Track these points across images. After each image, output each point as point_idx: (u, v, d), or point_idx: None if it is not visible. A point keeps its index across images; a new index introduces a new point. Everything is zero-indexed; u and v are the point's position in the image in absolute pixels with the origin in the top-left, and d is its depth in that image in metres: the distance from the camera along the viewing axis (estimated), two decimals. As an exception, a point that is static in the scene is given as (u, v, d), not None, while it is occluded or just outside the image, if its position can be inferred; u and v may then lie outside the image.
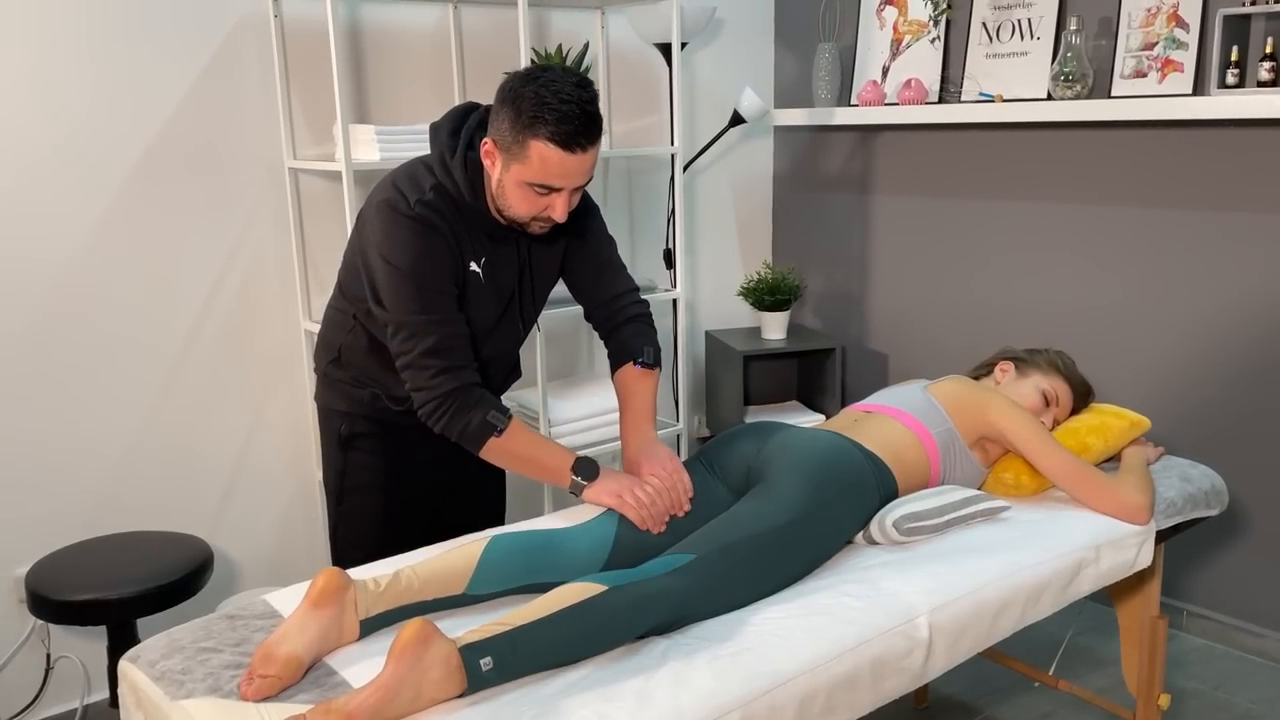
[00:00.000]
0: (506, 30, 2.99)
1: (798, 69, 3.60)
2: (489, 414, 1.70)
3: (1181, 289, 2.76)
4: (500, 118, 1.65)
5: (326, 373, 1.97)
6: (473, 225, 1.76)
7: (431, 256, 1.70)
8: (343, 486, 1.99)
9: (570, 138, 1.61)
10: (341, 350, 1.91)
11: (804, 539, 1.65)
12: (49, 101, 2.36)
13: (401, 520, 1.99)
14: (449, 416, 1.69)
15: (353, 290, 1.84)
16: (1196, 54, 2.59)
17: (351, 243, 1.84)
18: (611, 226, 2.02)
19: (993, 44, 3.02)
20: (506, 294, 1.86)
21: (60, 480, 2.48)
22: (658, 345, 1.96)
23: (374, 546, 1.95)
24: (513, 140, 1.63)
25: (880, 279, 3.49)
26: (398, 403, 1.88)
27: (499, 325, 1.88)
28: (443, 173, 1.74)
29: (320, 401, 2.00)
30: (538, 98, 1.60)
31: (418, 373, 1.69)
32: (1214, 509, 2.08)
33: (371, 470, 1.96)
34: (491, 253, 1.81)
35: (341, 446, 1.96)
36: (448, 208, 1.73)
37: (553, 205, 1.69)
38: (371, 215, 1.74)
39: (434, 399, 1.69)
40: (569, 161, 1.63)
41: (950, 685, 2.63)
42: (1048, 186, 3.00)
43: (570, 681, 1.38)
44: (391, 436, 1.94)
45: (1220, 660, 2.76)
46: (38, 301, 2.40)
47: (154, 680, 1.43)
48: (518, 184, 1.67)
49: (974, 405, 1.97)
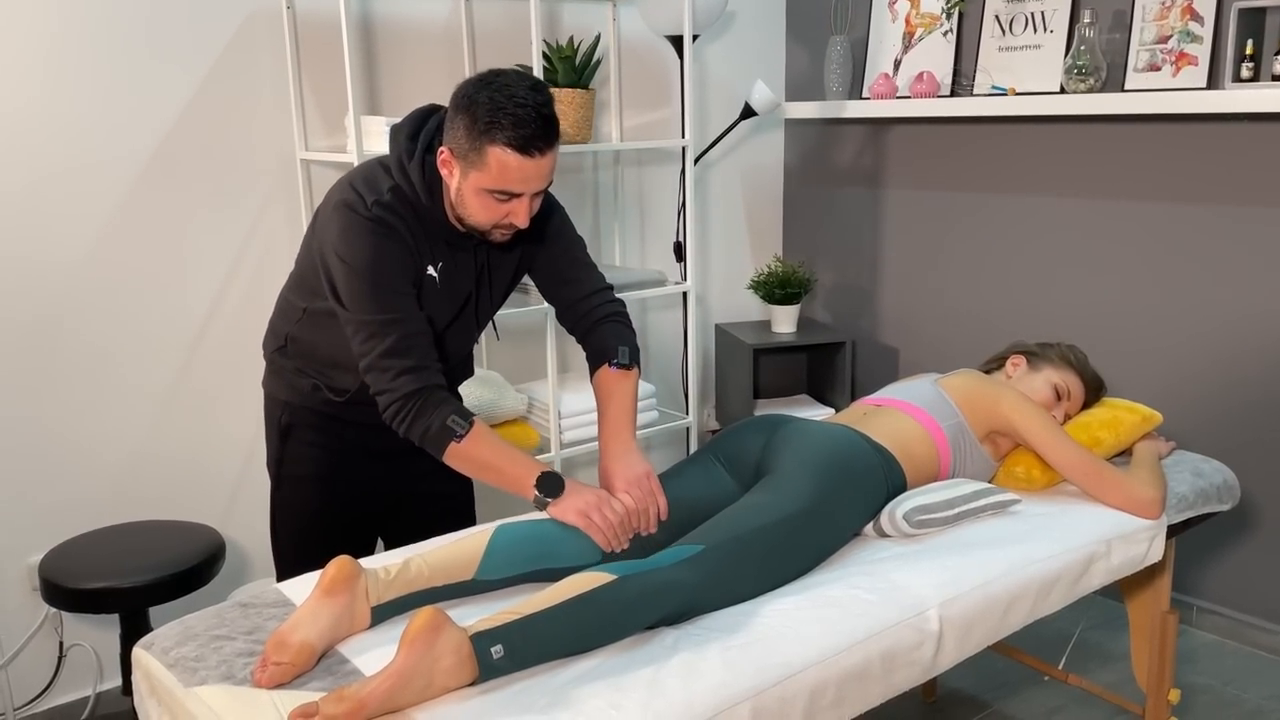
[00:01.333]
0: (518, 23, 2.99)
1: (809, 62, 3.60)
2: (449, 418, 1.65)
3: (1193, 283, 2.75)
4: (455, 126, 1.63)
5: (272, 360, 1.95)
6: (430, 230, 1.74)
7: (389, 256, 1.67)
8: (280, 475, 1.98)
9: (528, 142, 1.59)
10: (288, 339, 1.89)
11: (812, 530, 1.65)
12: (61, 96, 2.36)
13: (338, 514, 1.97)
14: (410, 419, 1.65)
15: (307, 284, 1.81)
16: (1211, 47, 2.58)
17: (307, 239, 1.81)
18: (622, 220, 2.01)
19: (1005, 37, 3.01)
20: (461, 299, 1.83)
21: (73, 470, 2.49)
22: (635, 344, 1.90)
23: (308, 537, 1.95)
24: (469, 148, 1.61)
25: (891, 273, 3.48)
26: (338, 394, 1.87)
27: (450, 328, 1.85)
28: (400, 176, 1.71)
29: (266, 388, 1.99)
30: (493, 103, 1.58)
31: (379, 374, 1.66)
32: (1226, 504, 2.08)
33: (308, 461, 1.94)
34: (449, 259, 1.77)
35: (281, 435, 1.95)
36: (405, 211, 1.70)
37: (514, 211, 1.66)
38: (329, 215, 1.71)
39: (395, 401, 1.65)
40: (527, 166, 1.61)
41: (960, 679, 2.63)
42: (1060, 180, 2.99)
43: (581, 671, 1.38)
44: (330, 429, 1.92)
45: (1231, 656, 2.75)
46: (53, 293, 2.41)
47: (168, 667, 1.44)
48: (477, 191, 1.64)
49: (985, 399, 1.96)
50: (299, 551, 1.96)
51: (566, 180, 3.19)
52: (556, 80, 2.78)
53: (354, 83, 2.38)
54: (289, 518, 2.00)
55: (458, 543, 1.61)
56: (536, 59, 2.65)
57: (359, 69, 2.76)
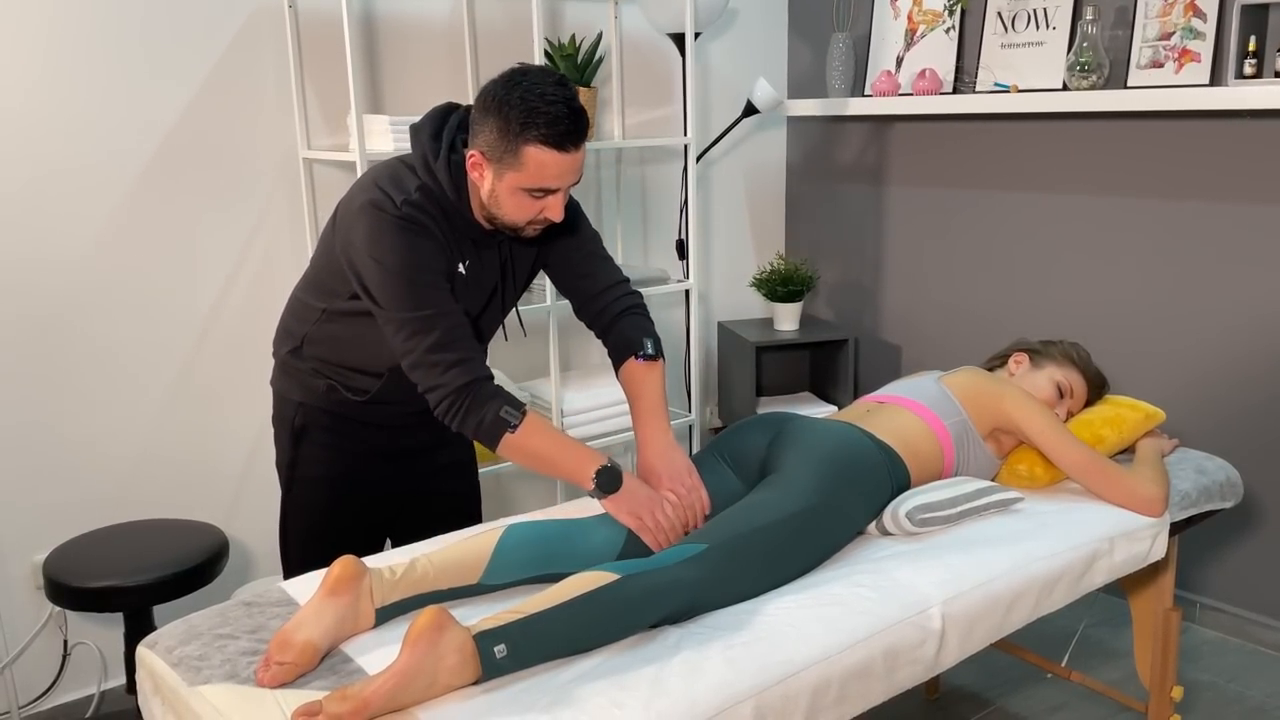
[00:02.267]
0: (520, 21, 2.99)
1: (811, 59, 3.59)
2: (502, 409, 1.64)
3: (1197, 281, 2.75)
4: (486, 128, 1.62)
5: (285, 361, 1.94)
6: (458, 228, 1.74)
7: (423, 252, 1.67)
8: (292, 477, 1.97)
9: (563, 138, 1.60)
10: (305, 340, 1.88)
11: (816, 529, 1.65)
12: (63, 94, 2.37)
13: (349, 517, 1.96)
14: (464, 412, 1.64)
15: (326, 284, 1.81)
16: (1214, 44, 2.57)
17: (326, 239, 1.80)
18: (624, 218, 2.02)
19: (1008, 34, 3.00)
20: (488, 293, 1.84)
21: (78, 468, 2.50)
22: (657, 335, 1.90)
23: (320, 540, 1.95)
24: (504, 149, 1.61)
25: (893, 270, 3.48)
26: (358, 394, 1.86)
27: (479, 321, 1.85)
28: (427, 175, 1.71)
29: (276, 389, 1.97)
30: (525, 103, 1.58)
31: (427, 370, 1.65)
32: (1229, 501, 2.08)
33: (322, 463, 1.94)
34: (475, 256, 1.78)
35: (294, 437, 1.94)
36: (434, 209, 1.70)
37: (549, 206, 1.67)
38: (355, 216, 1.69)
39: (448, 395, 1.64)
40: (564, 161, 1.62)
41: (963, 676, 2.64)
42: (1062, 178, 2.98)
43: (584, 670, 1.38)
44: (345, 431, 1.92)
45: (1234, 653, 2.75)
46: (56, 292, 2.42)
47: (172, 666, 1.44)
48: (513, 191, 1.64)
49: (988, 397, 1.96)
50: (308, 553, 1.95)
51: (569, 178, 3.19)
52: (558, 78, 2.78)
53: (356, 81, 2.38)
54: (300, 520, 1.98)
55: (466, 543, 1.61)
56: (538, 57, 2.65)
57: (361, 67, 2.76)
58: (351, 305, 1.76)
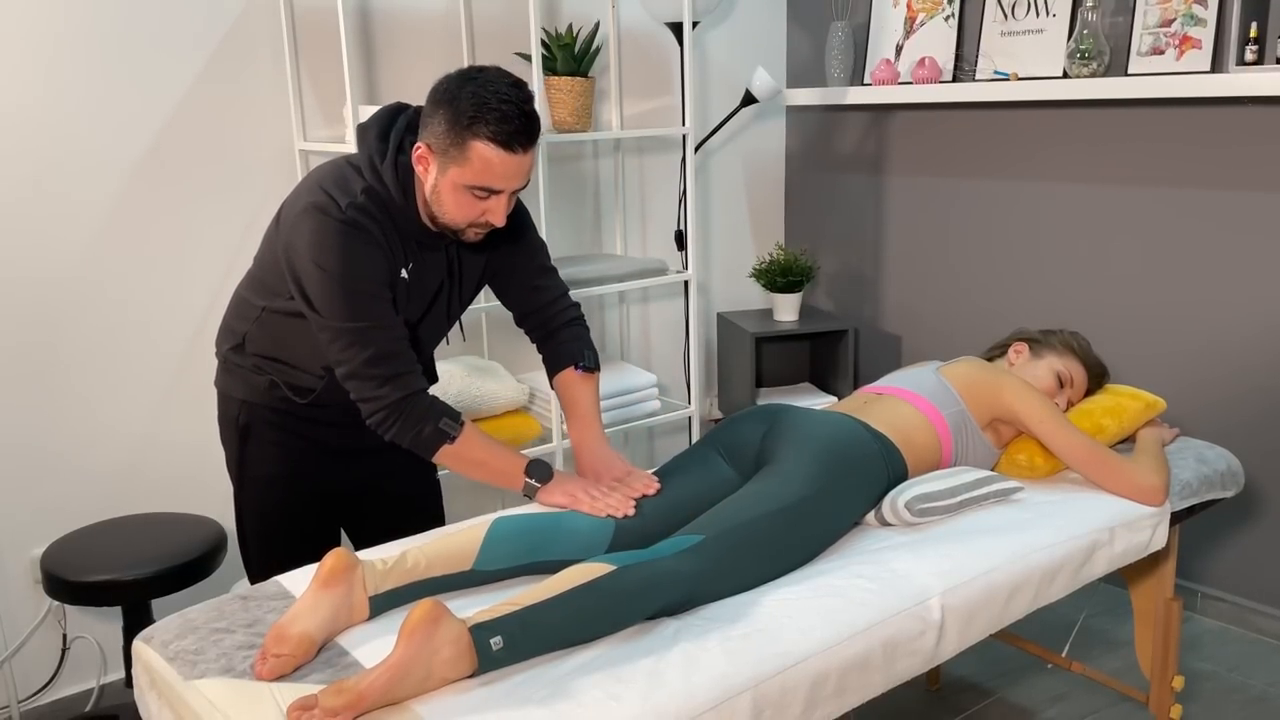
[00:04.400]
0: (517, 11, 2.97)
1: (810, 48, 3.58)
2: (441, 421, 1.67)
3: (1197, 269, 2.73)
4: (436, 120, 1.61)
5: (227, 358, 1.91)
6: (403, 231, 1.72)
7: (365, 260, 1.65)
8: (243, 476, 1.95)
9: (512, 137, 1.58)
10: (245, 338, 1.85)
11: (812, 519, 1.65)
12: (59, 88, 2.36)
13: (304, 515, 1.94)
14: (399, 425, 1.66)
15: (267, 283, 1.78)
16: (1215, 30, 2.56)
17: (269, 238, 1.78)
18: (623, 208, 2.01)
19: (1008, 21, 2.99)
20: (430, 296, 1.82)
21: (75, 462, 2.49)
22: (595, 348, 1.96)
23: (275, 538, 1.94)
24: (450, 142, 1.59)
25: (893, 260, 3.47)
26: (300, 394, 1.84)
27: (420, 325, 1.83)
28: (373, 176, 1.68)
29: (219, 387, 1.95)
30: (477, 98, 1.57)
31: (363, 383, 1.65)
32: (1230, 490, 2.07)
33: (270, 461, 1.92)
34: (419, 259, 1.76)
35: (240, 435, 1.92)
36: (379, 213, 1.68)
37: (491, 209, 1.65)
38: (298, 218, 1.66)
39: (382, 409, 1.66)
40: (510, 162, 1.60)
41: (963, 667, 2.63)
42: (1063, 166, 2.97)
43: (581, 662, 1.38)
44: (290, 428, 1.89)
45: (1235, 643, 2.74)
46: (53, 285, 2.41)
47: (168, 660, 1.44)
48: (455, 188, 1.63)
49: (987, 387, 1.96)
50: (266, 553, 1.94)
51: (566, 169, 3.18)
52: (556, 68, 2.76)
53: (352, 73, 2.36)
54: (254, 519, 1.96)
55: (455, 534, 1.61)
56: (535, 47, 2.64)
57: (357, 59, 2.75)
58: (291, 305, 1.73)
